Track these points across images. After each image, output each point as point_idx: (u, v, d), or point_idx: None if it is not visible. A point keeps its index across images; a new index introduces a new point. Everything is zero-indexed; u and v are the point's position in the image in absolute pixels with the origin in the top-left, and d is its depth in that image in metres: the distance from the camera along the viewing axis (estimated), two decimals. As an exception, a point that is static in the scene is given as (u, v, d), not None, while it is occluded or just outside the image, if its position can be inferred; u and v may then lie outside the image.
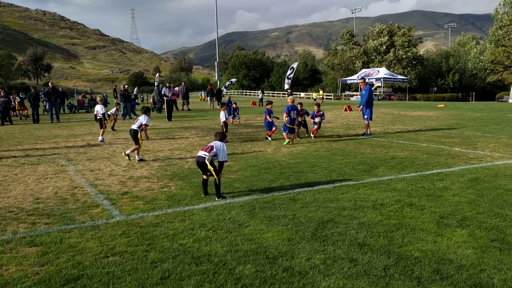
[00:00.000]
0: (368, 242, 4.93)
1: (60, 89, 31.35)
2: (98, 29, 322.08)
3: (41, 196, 7.30)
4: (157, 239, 5.14)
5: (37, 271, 4.30)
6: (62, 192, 7.57)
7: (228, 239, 5.09)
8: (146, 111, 10.83)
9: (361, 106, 15.33)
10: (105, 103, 18.17)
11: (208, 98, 37.18)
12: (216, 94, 36.71)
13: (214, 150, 6.97)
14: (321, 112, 15.38)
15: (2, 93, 22.92)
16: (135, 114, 26.02)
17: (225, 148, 7.19)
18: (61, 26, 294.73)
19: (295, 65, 47.00)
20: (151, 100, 33.14)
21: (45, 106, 26.67)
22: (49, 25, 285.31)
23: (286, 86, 44.12)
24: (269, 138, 14.32)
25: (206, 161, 6.87)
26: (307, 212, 6.10)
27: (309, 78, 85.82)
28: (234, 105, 20.41)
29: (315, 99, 51.32)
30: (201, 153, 7.02)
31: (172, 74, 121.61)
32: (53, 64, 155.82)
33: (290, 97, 13.97)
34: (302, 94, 70.01)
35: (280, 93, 71.89)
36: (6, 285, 4.01)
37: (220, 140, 7.20)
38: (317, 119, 15.21)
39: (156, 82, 38.98)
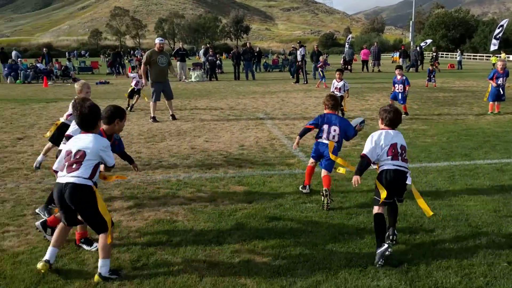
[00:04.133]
0: None
1: (257, 49, 33.53)
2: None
3: (245, 143, 8.12)
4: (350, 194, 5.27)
5: (245, 207, 4.86)
6: (262, 142, 8.28)
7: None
8: None
9: None
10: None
11: (401, 59, 35.33)
12: (420, 55, 34.76)
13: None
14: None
15: (211, 52, 25.68)
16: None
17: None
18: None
19: (504, 22, 40.66)
20: (341, 61, 32.95)
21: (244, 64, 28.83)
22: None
23: (493, 48, 38.72)
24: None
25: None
26: (518, 186, 5.46)
27: (524, 38, 73.83)
28: (431, 68, 19.07)
29: (494, 64, 43.44)
30: None
31: (363, 35, 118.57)
32: (251, 25, 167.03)
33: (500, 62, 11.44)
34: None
35: (483, 56, 63.85)
36: (221, 214, 4.65)
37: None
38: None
39: (347, 43, 38.57)
